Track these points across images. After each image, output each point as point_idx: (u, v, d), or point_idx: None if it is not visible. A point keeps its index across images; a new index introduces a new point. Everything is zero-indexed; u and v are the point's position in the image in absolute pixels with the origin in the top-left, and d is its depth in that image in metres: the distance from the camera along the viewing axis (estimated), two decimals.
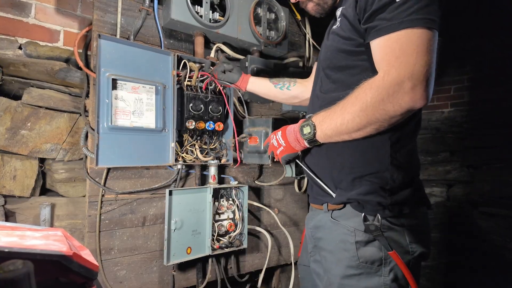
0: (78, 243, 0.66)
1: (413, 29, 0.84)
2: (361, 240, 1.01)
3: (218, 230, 1.67)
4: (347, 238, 1.03)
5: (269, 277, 2.22)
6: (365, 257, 1.00)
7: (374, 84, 0.88)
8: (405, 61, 0.84)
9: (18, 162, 1.47)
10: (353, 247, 1.02)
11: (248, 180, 1.99)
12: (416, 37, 0.84)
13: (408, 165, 1.05)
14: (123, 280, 1.52)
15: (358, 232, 1.02)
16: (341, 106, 0.96)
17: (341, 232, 1.05)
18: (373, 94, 0.87)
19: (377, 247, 1.00)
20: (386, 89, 0.85)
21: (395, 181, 1.01)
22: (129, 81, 1.49)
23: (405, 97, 0.84)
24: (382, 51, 0.90)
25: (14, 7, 1.49)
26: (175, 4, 1.59)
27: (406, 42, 0.85)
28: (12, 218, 1.49)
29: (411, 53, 0.84)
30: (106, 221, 1.49)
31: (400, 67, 0.84)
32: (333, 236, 1.08)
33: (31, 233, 0.61)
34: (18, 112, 1.45)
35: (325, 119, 1.01)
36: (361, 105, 0.90)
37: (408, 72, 0.83)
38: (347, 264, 1.02)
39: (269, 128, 1.83)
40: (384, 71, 0.87)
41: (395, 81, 0.84)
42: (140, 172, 1.59)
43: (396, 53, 0.86)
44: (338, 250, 1.05)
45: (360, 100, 0.91)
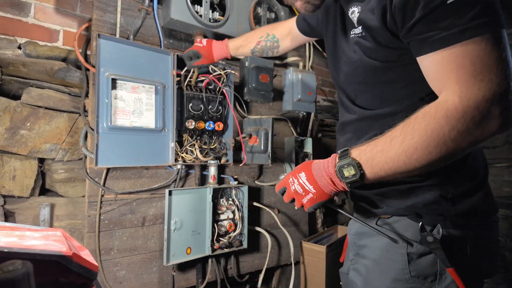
0: (77, 243, 0.66)
1: (485, 37, 0.67)
2: (414, 252, 0.89)
3: (218, 230, 1.66)
4: (396, 248, 0.91)
5: (269, 277, 2.22)
6: (418, 270, 0.89)
7: (450, 112, 0.68)
8: (487, 78, 0.67)
9: (17, 162, 1.47)
10: (404, 258, 0.89)
11: (248, 180, 1.99)
12: (490, 46, 0.67)
13: (473, 170, 0.91)
14: (123, 281, 1.52)
15: (411, 242, 0.90)
16: (400, 140, 0.74)
17: (387, 241, 0.91)
18: (453, 126, 0.68)
19: (432, 260, 0.88)
20: (471, 117, 0.67)
21: (458, 189, 0.88)
22: (128, 81, 1.48)
23: (494, 122, 0.67)
24: (443, 68, 0.71)
25: (13, 7, 1.49)
26: (174, 4, 1.59)
27: (479, 55, 0.67)
28: (12, 218, 1.48)
29: (490, 68, 0.67)
30: (105, 221, 1.48)
31: (481, 87, 0.67)
32: (380, 244, 0.95)
33: (30, 233, 0.61)
34: (18, 112, 1.45)
35: (377, 157, 0.78)
36: (437, 139, 0.70)
37: (493, 92, 0.66)
38: (394, 276, 0.91)
39: (269, 128, 1.83)
40: (457, 94, 0.68)
41: (482, 106, 0.66)
42: (139, 172, 1.59)
43: (468, 70, 0.68)
44: (384, 260, 0.93)
45: (433, 133, 0.70)
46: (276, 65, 2.11)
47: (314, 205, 0.88)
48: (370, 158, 0.78)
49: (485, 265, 0.94)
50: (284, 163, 2.12)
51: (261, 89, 1.91)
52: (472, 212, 0.90)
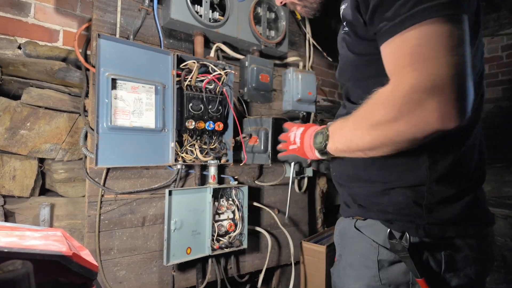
0: (77, 243, 0.66)
1: (423, 23, 0.63)
2: (385, 259, 0.87)
3: (218, 230, 1.66)
4: (369, 254, 0.89)
5: (269, 277, 2.22)
6: (389, 278, 0.87)
7: (383, 98, 0.69)
8: (421, 68, 0.62)
9: (17, 162, 1.47)
10: (375, 265, 0.88)
11: (248, 180, 1.99)
12: (427, 33, 0.63)
13: (456, 176, 0.85)
14: (123, 281, 1.52)
15: (382, 249, 0.87)
16: (353, 119, 0.79)
17: (364, 245, 0.91)
18: (384, 112, 0.68)
19: (403, 269, 0.85)
20: (398, 106, 0.65)
21: (434, 196, 0.83)
22: (128, 81, 1.48)
23: (426, 117, 0.62)
24: (389, 58, 0.71)
25: (13, 7, 1.49)
26: (174, 4, 1.59)
27: (416, 43, 0.64)
28: (12, 218, 1.48)
29: (425, 57, 0.62)
30: (105, 221, 1.48)
31: (414, 76, 0.63)
32: (356, 248, 0.94)
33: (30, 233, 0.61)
34: (18, 112, 1.45)
35: (337, 131, 0.86)
36: (371, 122, 0.72)
37: (428, 84, 0.61)
38: (367, 283, 0.89)
39: (269, 128, 1.83)
40: (393, 82, 0.68)
41: (408, 96, 0.63)
42: (139, 172, 1.59)
43: (406, 59, 0.66)
44: (359, 265, 0.92)
45: (370, 115, 0.73)
46: (276, 65, 2.11)
47: (292, 155, 1.06)
48: (334, 130, 0.88)
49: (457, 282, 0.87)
50: (284, 163, 2.12)
51: (261, 89, 1.91)
52: (451, 222, 0.84)
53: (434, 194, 0.84)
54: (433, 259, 0.85)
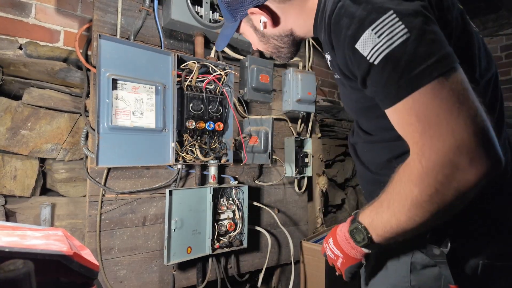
0: (78, 242, 0.66)
1: (419, 91, 0.61)
2: (418, 262, 0.84)
3: (218, 230, 1.67)
4: (403, 255, 0.87)
5: (269, 276, 2.22)
6: (419, 281, 0.84)
7: (414, 175, 0.65)
8: (439, 132, 0.60)
9: (18, 162, 1.48)
10: (407, 266, 0.85)
11: (248, 180, 1.99)
12: (430, 97, 0.60)
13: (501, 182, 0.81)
14: (124, 280, 1.52)
15: (416, 251, 0.85)
16: (387, 203, 0.73)
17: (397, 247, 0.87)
18: (421, 189, 0.64)
19: (436, 274, 0.82)
20: (434, 178, 0.62)
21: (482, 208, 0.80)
22: (129, 81, 1.49)
23: (467, 176, 0.60)
24: (397, 125, 0.68)
25: (14, 7, 1.49)
26: (175, 4, 1.59)
27: (422, 109, 0.61)
28: (13, 218, 1.49)
29: (436, 120, 0.60)
30: (106, 221, 1.49)
31: (435, 143, 0.60)
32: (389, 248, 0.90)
33: (31, 233, 0.61)
34: (19, 112, 1.46)
35: (375, 220, 0.77)
36: (412, 204, 0.66)
37: (451, 145, 0.59)
38: (395, 283, 0.88)
39: (269, 128, 1.83)
40: (417, 153, 0.64)
41: (440, 164, 0.60)
42: (140, 172, 1.59)
43: (416, 127, 0.62)
44: (389, 264, 0.91)
45: (407, 198, 0.67)
46: (276, 65, 2.11)
47: (347, 268, 0.88)
48: (371, 221, 0.78)
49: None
50: (284, 163, 2.12)
51: (261, 89, 1.91)
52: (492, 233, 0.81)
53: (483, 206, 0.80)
54: (469, 267, 0.82)
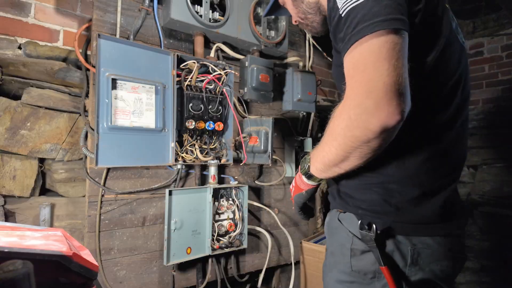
0: (78, 243, 0.66)
1: (360, 41, 0.72)
2: (357, 248, 0.95)
3: (218, 230, 1.66)
4: (345, 243, 0.97)
5: (269, 277, 2.22)
6: (358, 266, 0.94)
7: (339, 111, 0.78)
8: (360, 78, 0.72)
9: (17, 162, 1.47)
10: (348, 253, 0.96)
11: (248, 180, 1.99)
12: (365, 48, 0.72)
13: (427, 176, 0.91)
14: (123, 280, 1.52)
15: (355, 239, 0.95)
16: (323, 137, 0.87)
17: (342, 235, 1.00)
18: (339, 121, 0.77)
19: (373, 259, 0.92)
20: (348, 113, 0.74)
21: (403, 195, 0.90)
22: (128, 81, 1.48)
23: (370, 119, 0.70)
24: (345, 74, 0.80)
25: (13, 7, 1.49)
26: (175, 4, 1.59)
27: (357, 57, 0.73)
28: (12, 218, 1.48)
29: (363, 68, 0.71)
30: (106, 221, 1.49)
31: (356, 86, 0.72)
32: (336, 238, 1.03)
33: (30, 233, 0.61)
34: (18, 112, 1.45)
35: (315, 152, 0.92)
36: (333, 135, 0.81)
37: (366, 90, 0.70)
38: (342, 269, 0.98)
39: (269, 128, 1.83)
40: (345, 94, 0.77)
41: (354, 103, 0.72)
42: (140, 172, 1.59)
43: (350, 72, 0.75)
44: (338, 253, 1.01)
45: (331, 129, 0.81)
46: (276, 65, 2.11)
47: (294, 198, 1.10)
48: (313, 153, 0.94)
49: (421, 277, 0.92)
50: (284, 163, 2.12)
51: (261, 89, 1.91)
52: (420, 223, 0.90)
53: (403, 193, 0.90)
54: (400, 253, 0.91)
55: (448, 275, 0.96)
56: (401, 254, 0.91)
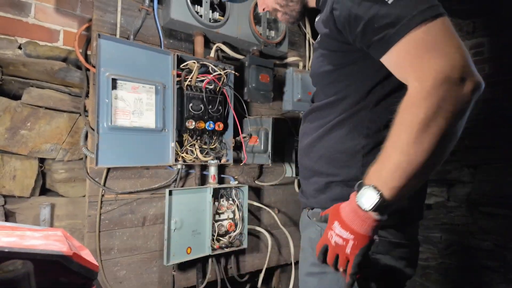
0: (78, 243, 0.66)
1: (425, 23, 0.70)
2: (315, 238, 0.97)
3: (218, 230, 1.66)
4: (314, 236, 0.99)
5: (269, 277, 2.22)
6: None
7: (417, 98, 0.70)
8: (435, 55, 0.69)
9: (18, 162, 1.47)
10: (310, 243, 1.00)
11: (248, 180, 1.99)
12: (433, 27, 0.70)
13: None
14: (123, 280, 1.52)
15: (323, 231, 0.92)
16: (392, 144, 0.74)
17: (311, 230, 1.03)
18: (426, 108, 0.69)
19: None
20: (436, 94, 0.68)
21: None
22: (129, 81, 1.48)
23: (463, 90, 0.69)
24: (400, 62, 0.76)
25: (13, 7, 1.49)
26: (175, 4, 1.59)
27: (425, 37, 0.71)
28: (12, 218, 1.48)
29: (436, 44, 0.70)
30: (106, 221, 1.49)
31: (432, 64, 0.69)
32: (306, 233, 1.06)
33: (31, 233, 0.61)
34: (18, 112, 1.45)
35: (383, 171, 0.75)
36: (419, 128, 0.69)
37: (447, 63, 0.68)
38: (312, 261, 0.99)
39: (269, 128, 1.83)
40: (415, 79, 0.71)
41: (440, 81, 0.68)
42: (140, 172, 1.59)
43: (422, 50, 0.71)
44: (308, 248, 1.03)
45: (413, 124, 0.70)
46: (276, 65, 2.11)
47: (358, 252, 0.78)
48: (379, 175, 0.75)
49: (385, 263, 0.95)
50: (284, 163, 2.12)
51: (261, 89, 1.91)
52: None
53: None
54: None
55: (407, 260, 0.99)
56: None
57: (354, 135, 0.95)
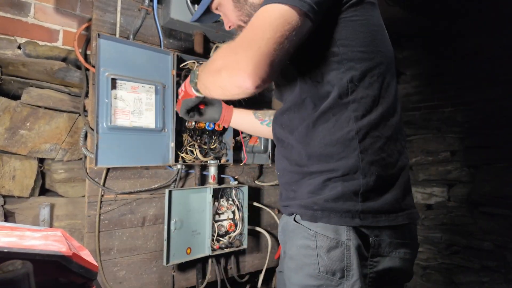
0: (77, 243, 0.65)
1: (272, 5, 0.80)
2: (322, 245, 0.89)
3: (218, 230, 1.66)
4: (309, 243, 0.91)
5: (269, 277, 2.21)
6: (326, 266, 0.88)
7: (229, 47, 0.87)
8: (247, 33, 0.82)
9: (17, 162, 1.47)
10: (314, 253, 0.90)
11: (248, 180, 1.99)
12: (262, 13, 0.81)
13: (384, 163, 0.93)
14: (123, 281, 1.52)
15: (319, 236, 0.90)
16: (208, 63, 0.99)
17: (302, 235, 0.93)
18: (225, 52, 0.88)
19: (339, 255, 0.88)
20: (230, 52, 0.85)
21: (368, 184, 0.90)
22: (128, 81, 1.48)
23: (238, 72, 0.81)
24: None
25: (13, 7, 1.48)
26: (174, 4, 1.58)
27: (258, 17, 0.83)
28: (11, 218, 1.48)
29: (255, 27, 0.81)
30: (105, 221, 1.48)
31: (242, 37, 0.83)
32: (295, 240, 0.96)
33: (30, 233, 0.61)
34: (17, 112, 1.45)
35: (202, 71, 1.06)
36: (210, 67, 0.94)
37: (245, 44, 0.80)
38: (307, 272, 0.91)
39: None
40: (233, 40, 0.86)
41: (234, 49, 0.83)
42: (139, 172, 1.58)
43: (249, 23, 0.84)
44: (299, 256, 0.94)
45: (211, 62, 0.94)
46: None
47: (183, 102, 1.28)
48: (201, 70, 1.07)
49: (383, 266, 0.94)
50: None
51: None
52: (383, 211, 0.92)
53: (368, 182, 0.89)
54: (364, 245, 0.91)
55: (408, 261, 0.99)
56: (366, 246, 0.91)
57: (342, 123, 0.91)
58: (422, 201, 3.38)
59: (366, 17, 0.92)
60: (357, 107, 0.90)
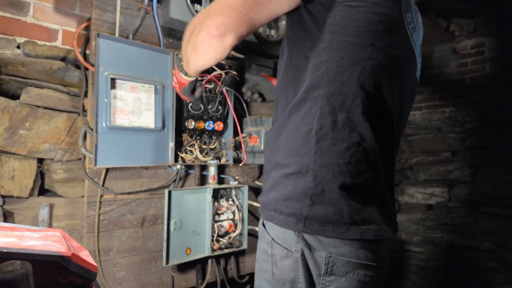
0: (76, 243, 0.65)
1: None
2: (276, 254, 0.85)
3: (217, 231, 1.66)
4: (267, 249, 0.89)
5: None
6: (277, 274, 0.85)
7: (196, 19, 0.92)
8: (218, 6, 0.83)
9: (16, 162, 1.46)
10: (270, 260, 0.87)
11: (248, 180, 1.98)
12: None
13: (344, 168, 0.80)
14: (122, 281, 1.51)
15: (274, 243, 0.86)
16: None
17: (263, 240, 0.91)
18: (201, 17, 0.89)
19: (289, 265, 0.82)
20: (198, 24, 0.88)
21: (318, 186, 0.80)
22: (128, 81, 1.48)
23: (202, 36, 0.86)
24: None
25: (12, 6, 1.48)
26: (174, 3, 1.58)
27: None
28: (11, 218, 1.47)
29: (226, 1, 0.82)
30: (105, 222, 1.48)
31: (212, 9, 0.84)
32: (260, 243, 0.95)
33: (29, 234, 0.60)
34: (17, 111, 1.44)
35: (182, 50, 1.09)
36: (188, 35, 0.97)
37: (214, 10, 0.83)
38: (264, 277, 0.89)
39: (269, 128, 1.82)
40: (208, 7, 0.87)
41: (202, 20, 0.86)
42: (139, 172, 1.58)
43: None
44: (260, 260, 0.93)
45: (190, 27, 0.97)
46: (276, 64, 2.10)
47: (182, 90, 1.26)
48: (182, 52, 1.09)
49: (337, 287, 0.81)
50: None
51: None
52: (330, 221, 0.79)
53: (317, 185, 0.80)
54: (314, 259, 0.81)
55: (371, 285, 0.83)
56: (316, 262, 0.81)
57: (308, 118, 0.82)
58: (422, 201, 3.38)
59: (370, 4, 0.78)
60: (325, 103, 0.80)
